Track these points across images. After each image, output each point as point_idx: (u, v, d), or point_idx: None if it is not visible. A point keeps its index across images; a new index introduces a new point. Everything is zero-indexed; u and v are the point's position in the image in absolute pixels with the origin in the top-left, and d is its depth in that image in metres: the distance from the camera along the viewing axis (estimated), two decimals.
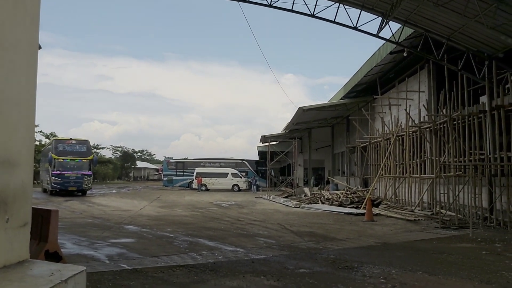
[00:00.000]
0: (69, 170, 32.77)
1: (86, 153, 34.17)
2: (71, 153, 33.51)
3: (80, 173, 33.18)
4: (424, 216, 17.23)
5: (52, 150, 33.61)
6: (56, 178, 32.22)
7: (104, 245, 10.45)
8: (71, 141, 34.52)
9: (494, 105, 15.09)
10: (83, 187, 33.35)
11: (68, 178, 32.50)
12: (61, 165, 32.70)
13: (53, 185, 32.18)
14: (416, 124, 20.26)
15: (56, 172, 32.35)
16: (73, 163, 33.23)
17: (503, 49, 14.78)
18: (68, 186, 32.46)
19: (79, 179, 33.01)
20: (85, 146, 34.60)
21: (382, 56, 21.77)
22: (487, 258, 9.27)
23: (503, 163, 14.47)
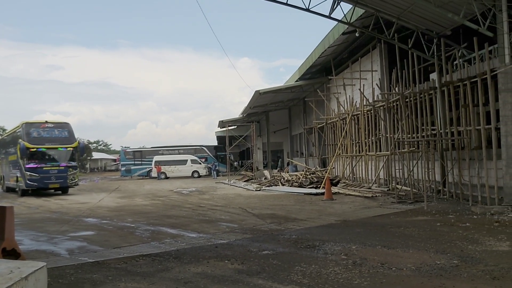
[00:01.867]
0: (48, 162, 25.51)
1: (69, 139, 26.61)
2: (49, 140, 25.91)
3: (63, 165, 25.85)
4: (381, 192, 17.72)
5: (22, 136, 25.57)
6: (31, 173, 24.85)
7: (64, 240, 10.25)
8: (47, 124, 26.49)
9: (443, 81, 15.57)
10: (67, 183, 26.13)
11: (47, 172, 25.25)
12: (37, 156, 25.28)
13: (28, 182, 24.78)
14: (370, 103, 20.69)
15: (31, 165, 25.00)
16: (53, 152, 25.88)
17: (451, 27, 15.21)
18: (48, 183, 25.34)
19: (62, 173, 25.75)
20: (66, 131, 26.93)
21: (335, 37, 22.03)
22: (441, 229, 9.65)
23: (453, 138, 15.01)
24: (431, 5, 13.11)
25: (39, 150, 25.37)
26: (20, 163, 25.44)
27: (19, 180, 25.90)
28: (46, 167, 25.22)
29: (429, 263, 6.70)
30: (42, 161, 25.27)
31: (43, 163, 25.27)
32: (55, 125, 26.89)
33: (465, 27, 14.07)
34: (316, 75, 31.02)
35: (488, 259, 6.85)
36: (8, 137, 32.01)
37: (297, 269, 6.63)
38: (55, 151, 25.93)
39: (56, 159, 25.85)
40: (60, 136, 26.40)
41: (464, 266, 6.52)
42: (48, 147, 25.67)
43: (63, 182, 25.88)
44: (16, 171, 26.72)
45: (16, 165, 26.52)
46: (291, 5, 16.28)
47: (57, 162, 25.76)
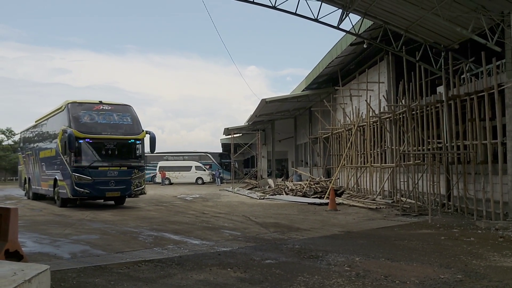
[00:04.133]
0: (105, 160, 18.40)
1: (133, 127, 19.23)
2: (106, 128, 18.67)
3: (126, 164, 18.69)
4: (385, 204, 17.65)
5: (68, 121, 18.29)
6: (81, 175, 17.67)
7: (67, 243, 10.26)
8: (102, 106, 19.11)
9: (450, 95, 15.55)
10: (131, 191, 18.80)
11: (104, 174, 18.05)
12: (89, 150, 18.21)
13: (76, 188, 17.57)
14: (376, 115, 20.66)
15: (80, 163, 17.82)
16: (112, 145, 18.74)
17: (459, 41, 15.21)
18: (105, 189, 18.12)
19: (124, 176, 18.40)
20: (128, 116, 19.46)
21: (342, 48, 22.06)
22: (445, 243, 9.59)
23: (459, 151, 14.96)
24: (440, 19, 13.13)
25: (93, 141, 18.16)
26: (62, 161, 18.49)
27: (58, 184, 19.02)
28: (102, 166, 18.07)
29: (433, 277, 6.65)
30: (96, 158, 18.21)
31: (99, 161, 18.15)
32: (113, 107, 19.34)
33: (473, 41, 14.06)
34: (323, 85, 31.05)
35: (493, 275, 6.80)
36: (38, 127, 24.18)
37: (300, 279, 6.60)
38: (115, 144, 18.69)
39: (116, 155, 18.74)
40: (122, 123, 19.06)
41: (468, 281, 6.47)
42: (106, 138, 18.40)
43: (126, 189, 18.43)
44: (53, 172, 19.84)
45: (54, 163, 19.77)
46: (300, 15, 16.34)
47: (118, 159, 18.60)
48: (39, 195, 23.28)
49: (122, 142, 18.90)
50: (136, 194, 19.30)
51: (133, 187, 18.63)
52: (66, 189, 18.12)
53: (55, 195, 19.72)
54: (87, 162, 17.96)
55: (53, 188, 19.84)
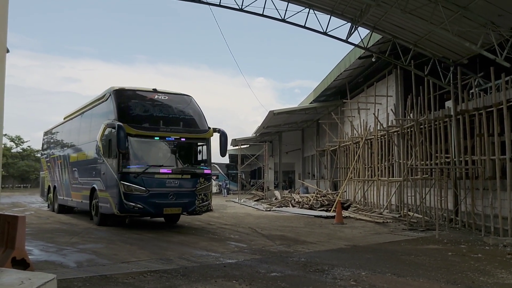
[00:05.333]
0: (162, 165, 14.20)
1: (197, 124, 15.13)
2: (164, 123, 14.41)
3: (189, 171, 14.50)
4: (392, 218, 17.55)
5: (115, 113, 14.21)
6: (132, 184, 13.51)
7: (73, 251, 10.27)
8: (157, 95, 15.02)
9: (459, 110, 15.51)
10: (196, 207, 14.29)
11: (162, 184, 13.87)
12: (144, 151, 14.27)
13: (126, 202, 13.42)
14: (384, 128, 20.62)
15: (131, 168, 13.67)
16: (172, 146, 14.58)
17: (468, 56, 15.21)
18: (163, 204, 13.80)
19: (186, 187, 14.24)
20: (189, 108, 15.42)
21: (351, 61, 22.11)
22: (453, 259, 9.51)
23: (467, 166, 14.88)
24: (449, 34, 13.15)
25: (149, 139, 14.09)
26: (105, 165, 14.38)
27: (98, 196, 14.85)
28: (160, 173, 13.79)
29: None
30: (152, 162, 13.99)
31: (155, 166, 13.92)
32: (171, 97, 15.22)
33: (482, 56, 14.04)
34: (331, 97, 31.07)
35: None
36: (69, 124, 20.01)
37: None
38: (175, 144, 14.51)
39: (177, 159, 14.61)
40: (183, 117, 14.93)
41: None
42: (165, 136, 14.20)
43: (188, 204, 14.08)
44: (89, 180, 15.93)
45: (92, 168, 15.71)
46: (309, 28, 16.46)
47: (179, 164, 14.54)
48: (66, 208, 19.64)
49: (184, 142, 14.62)
50: (201, 211, 14.52)
51: (197, 201, 14.14)
52: (109, 203, 13.89)
53: (92, 209, 15.48)
54: (141, 167, 13.59)
55: (89, 200, 15.69)
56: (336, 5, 15.53)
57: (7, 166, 61.60)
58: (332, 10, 15.90)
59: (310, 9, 16.09)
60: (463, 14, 12.80)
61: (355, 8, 15.42)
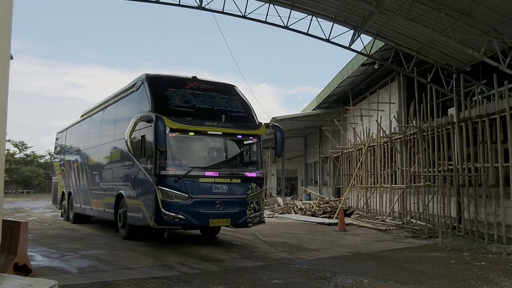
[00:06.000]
0: (209, 168, 11.64)
1: (246, 118, 12.74)
2: (209, 116, 11.97)
3: (239, 174, 12.01)
4: (395, 225, 17.50)
5: (150, 104, 11.68)
6: (172, 190, 11.00)
7: (75, 257, 10.27)
8: (198, 83, 12.61)
9: (461, 117, 15.49)
10: (246, 218, 11.76)
11: (208, 190, 11.40)
12: (187, 150, 11.97)
13: (165, 212, 10.88)
14: (387, 135, 20.61)
15: (171, 171, 11.16)
16: (219, 145, 12.30)
17: (470, 63, 15.21)
18: (209, 215, 11.30)
19: (236, 194, 11.74)
20: (237, 101, 12.98)
21: (354, 68, 22.13)
22: (456, 267, 9.47)
23: (470, 174, 14.84)
24: (451, 41, 13.16)
25: (192, 136, 11.66)
26: (136, 167, 12.18)
27: (127, 204, 12.59)
28: (205, 178, 11.40)
29: None
30: (196, 164, 11.50)
31: (200, 169, 11.43)
32: (214, 86, 12.85)
33: (485, 64, 14.05)
34: (334, 104, 31.07)
35: None
36: (87, 122, 17.80)
37: None
38: (222, 142, 12.23)
39: (224, 160, 12.37)
40: (230, 110, 12.38)
41: None
42: (212, 131, 11.84)
43: (238, 215, 11.65)
44: (114, 185, 13.84)
45: (119, 171, 13.64)
46: (312, 35, 16.52)
47: (227, 166, 12.12)
48: (83, 217, 17.52)
49: (233, 140, 12.31)
50: (252, 223, 11.91)
51: (248, 211, 11.66)
52: (142, 213, 11.62)
53: (119, 220, 13.27)
54: (183, 170, 11.13)
55: (114, 209, 13.51)
56: (339, 12, 15.57)
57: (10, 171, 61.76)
58: (335, 17, 15.95)
59: (313, 16, 16.15)
60: (466, 21, 12.81)
61: (357, 15, 15.46)
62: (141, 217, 11.77)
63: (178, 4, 16.37)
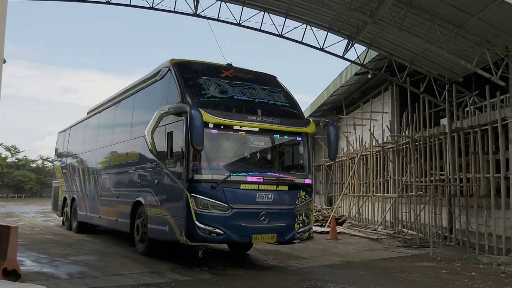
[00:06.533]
0: (252, 172, 9.56)
1: (293, 114, 10.51)
2: (252, 110, 9.81)
3: (286, 180, 9.92)
4: (387, 235, 17.52)
5: (181, 94, 9.67)
6: (209, 199, 8.98)
7: (65, 263, 10.21)
8: (235, 72, 10.78)
9: (454, 127, 15.59)
10: (294, 233, 9.75)
11: (251, 199, 9.32)
12: (226, 150, 9.91)
13: (199, 224, 8.84)
14: (379, 144, 20.68)
15: (206, 174, 9.15)
16: (262, 144, 10.16)
17: (463, 74, 15.32)
18: (251, 229, 9.26)
19: (283, 204, 9.71)
20: (280, 93, 10.88)
21: (347, 77, 22.22)
22: (446, 277, 9.49)
23: (462, 184, 14.91)
24: (444, 52, 13.26)
25: (230, 133, 9.70)
26: (163, 170, 10.17)
27: (148, 213, 10.69)
28: (247, 184, 9.44)
29: None
30: (237, 167, 9.76)
31: (242, 173, 9.54)
32: (253, 76, 11.13)
33: (478, 75, 14.16)
34: (327, 113, 31.11)
35: None
36: (97, 118, 15.78)
37: None
38: (266, 141, 10.32)
39: (268, 163, 10.57)
40: (273, 103, 10.49)
41: None
42: (255, 127, 9.83)
43: (286, 229, 9.76)
44: (130, 191, 12.03)
45: (137, 175, 11.71)
46: (306, 44, 16.61)
47: (272, 170, 10.32)
48: (88, 226, 15.81)
49: (280, 139, 10.34)
50: (301, 239, 9.96)
51: (297, 224, 9.79)
52: (169, 225, 9.66)
53: (136, 232, 11.23)
54: (221, 174, 9.25)
55: (130, 219, 11.61)
56: (333, 22, 15.67)
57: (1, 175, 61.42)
58: (329, 26, 16.05)
59: (307, 25, 16.25)
60: (458, 33, 12.93)
61: (351, 25, 15.56)
62: (166, 231, 9.77)
63: (174, 11, 16.43)
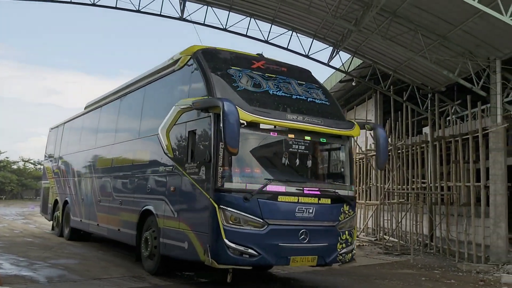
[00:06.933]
0: (291, 181, 7.89)
1: (332, 112, 8.77)
2: (290, 108, 8.13)
3: (329, 192, 8.23)
4: (368, 241, 17.64)
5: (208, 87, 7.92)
6: (241, 213, 7.32)
7: (45, 266, 10.06)
8: (267, 64, 9.08)
9: (436, 136, 15.79)
10: (337, 254, 8.04)
11: (290, 214, 7.62)
12: (259, 154, 8.06)
13: (230, 243, 7.18)
14: (362, 151, 20.81)
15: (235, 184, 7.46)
16: (302, 148, 8.06)
17: (445, 84, 15.53)
18: (289, 250, 7.58)
19: (326, 220, 8.02)
20: (319, 90, 9.18)
21: (332, 84, 22.35)
22: (426, 285, 9.59)
23: (443, 192, 15.09)
24: (427, 61, 13.45)
25: (268, 134, 7.96)
26: (182, 176, 8.42)
27: (161, 225, 8.90)
28: (285, 196, 7.68)
29: None
30: (271, 176, 7.83)
31: (281, 181, 7.83)
32: (287, 69, 9.36)
33: (460, 85, 14.38)
34: None
35: None
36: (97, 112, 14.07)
37: None
38: (307, 145, 8.24)
39: (308, 170, 8.44)
40: (312, 101, 8.76)
41: None
42: (298, 127, 7.98)
43: (328, 250, 8.03)
44: (139, 199, 10.22)
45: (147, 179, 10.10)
46: (292, 51, 16.75)
47: (312, 180, 8.58)
48: (82, 233, 14.37)
49: (321, 142, 8.66)
50: (343, 261, 8.31)
51: (340, 244, 8.14)
52: (189, 242, 7.97)
53: (145, 247, 9.41)
54: (255, 182, 7.65)
55: (136, 230, 9.90)
56: (319, 29, 15.80)
57: None
58: (314, 33, 16.17)
59: (293, 32, 16.36)
60: (442, 43, 13.13)
61: (337, 33, 15.70)
62: (185, 248, 8.06)
63: (160, 14, 16.39)
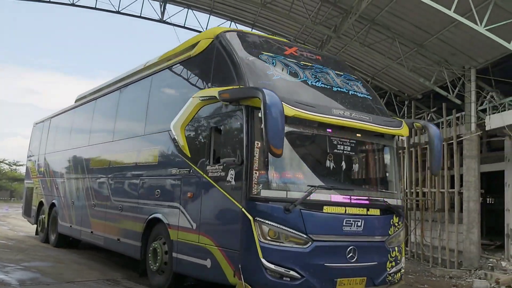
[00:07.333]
0: (337, 188, 6.43)
1: (375, 108, 7.27)
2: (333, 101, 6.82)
3: (378, 202, 6.71)
4: None
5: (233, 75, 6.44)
6: (281, 227, 5.86)
7: (17, 269, 9.87)
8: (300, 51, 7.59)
9: (411, 142, 15.98)
10: (386, 275, 6.57)
11: (337, 228, 6.19)
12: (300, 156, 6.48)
13: (267, 264, 5.72)
14: None
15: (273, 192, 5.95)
16: (347, 149, 6.60)
17: (422, 91, 15.80)
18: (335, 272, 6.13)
19: (376, 235, 6.64)
20: (359, 82, 7.62)
21: None
22: None
23: (418, 198, 15.28)
24: (404, 69, 13.69)
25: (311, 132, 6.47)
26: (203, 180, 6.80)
27: (175, 238, 7.30)
28: (331, 207, 6.21)
29: None
30: (315, 182, 6.28)
31: (323, 190, 6.26)
32: (322, 58, 7.91)
33: (436, 93, 14.63)
34: None
35: None
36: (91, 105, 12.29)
37: None
38: (353, 145, 6.76)
39: (352, 175, 7.15)
40: (355, 95, 7.25)
41: None
42: (345, 124, 6.43)
43: (377, 269, 6.56)
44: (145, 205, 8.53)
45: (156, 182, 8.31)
46: None
47: (360, 189, 7.15)
48: (71, 240, 12.95)
49: (369, 143, 7.43)
50: (392, 282, 6.79)
51: (389, 263, 6.76)
52: (214, 261, 6.41)
53: (153, 259, 7.96)
54: (297, 190, 6.21)
55: (140, 241, 8.45)
56: (299, 35, 15.96)
57: None
58: (295, 39, 16.34)
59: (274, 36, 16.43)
60: (418, 51, 13.37)
61: (316, 39, 15.87)
62: (207, 267, 6.55)
63: (140, 16, 16.33)
